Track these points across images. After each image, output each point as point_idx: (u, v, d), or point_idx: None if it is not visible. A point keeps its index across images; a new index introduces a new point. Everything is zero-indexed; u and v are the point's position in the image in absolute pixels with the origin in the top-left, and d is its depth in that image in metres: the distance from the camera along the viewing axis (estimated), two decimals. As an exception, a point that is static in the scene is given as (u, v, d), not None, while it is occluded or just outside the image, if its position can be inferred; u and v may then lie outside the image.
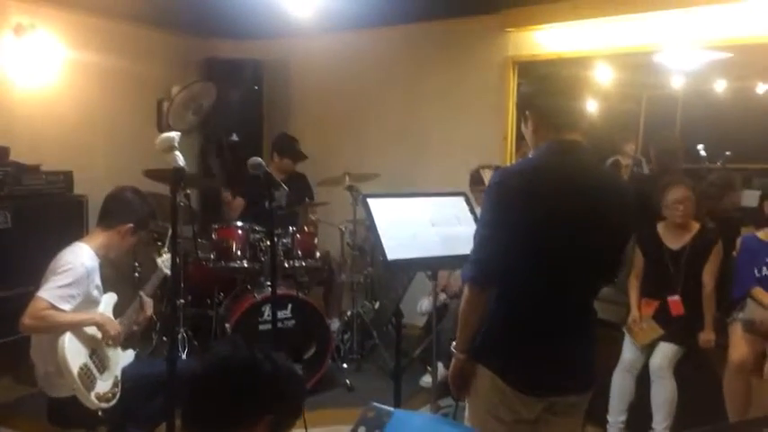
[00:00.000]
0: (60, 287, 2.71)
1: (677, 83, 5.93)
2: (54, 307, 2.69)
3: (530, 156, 2.11)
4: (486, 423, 1.97)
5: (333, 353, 4.33)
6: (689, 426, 3.42)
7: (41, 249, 2.98)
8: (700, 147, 5.96)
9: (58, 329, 2.70)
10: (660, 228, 3.69)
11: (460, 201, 2.98)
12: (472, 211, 2.94)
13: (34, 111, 4.31)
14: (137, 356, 3.11)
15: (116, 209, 3.00)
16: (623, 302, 3.80)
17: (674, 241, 3.65)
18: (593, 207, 1.92)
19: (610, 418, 3.60)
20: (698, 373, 3.56)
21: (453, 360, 2.07)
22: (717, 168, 5.51)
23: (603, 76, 5.33)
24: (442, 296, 4.18)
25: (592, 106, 5.45)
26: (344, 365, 4.49)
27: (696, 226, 3.64)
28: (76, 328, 2.76)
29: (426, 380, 4.26)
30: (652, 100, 6.59)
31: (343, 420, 3.50)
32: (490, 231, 1.93)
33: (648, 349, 3.56)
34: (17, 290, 3.37)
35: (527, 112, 2.03)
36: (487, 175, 3.81)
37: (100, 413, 2.77)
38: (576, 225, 1.90)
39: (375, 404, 1.65)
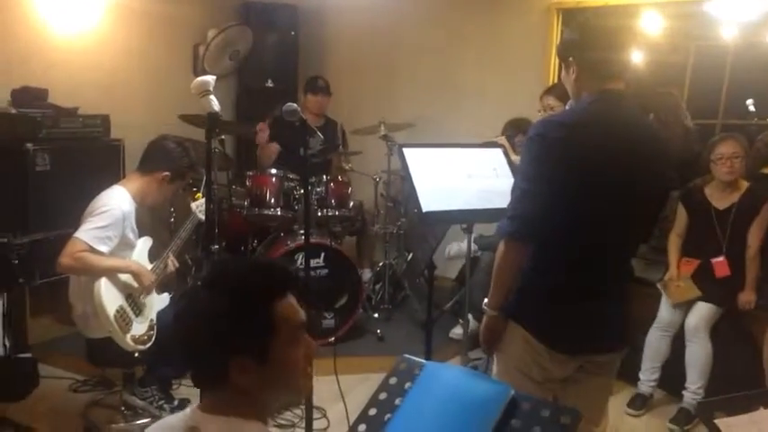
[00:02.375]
0: (97, 228, 2.75)
1: (728, 34, 5.66)
2: (92, 249, 2.72)
3: (567, 107, 2.04)
4: (515, 380, 1.93)
5: (364, 302, 4.36)
6: (726, 390, 3.37)
7: (79, 192, 3.00)
8: (749, 102, 5.73)
9: (93, 272, 2.75)
10: (708, 187, 3.58)
11: (498, 153, 2.92)
12: (509, 163, 2.87)
13: (72, 53, 4.30)
14: (172, 300, 3.15)
15: (155, 156, 3.00)
16: (662, 261, 3.73)
17: (720, 201, 3.53)
18: (636, 161, 1.85)
19: (642, 376, 3.58)
20: (737, 337, 3.49)
21: (485, 317, 2.04)
22: (767, 125, 5.29)
23: (650, 26, 5.12)
24: (474, 247, 4.15)
25: (637, 57, 5.26)
26: (375, 315, 4.52)
27: (744, 185, 3.50)
28: (112, 273, 2.81)
29: (456, 332, 4.27)
30: (700, 51, 6.33)
31: (372, 368, 3.54)
32: (530, 185, 1.85)
33: (685, 309, 3.50)
34: (56, 232, 3.42)
35: (570, 59, 1.94)
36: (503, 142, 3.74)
37: (136, 354, 2.83)
38: (619, 179, 1.84)
39: (407, 356, 1.64)
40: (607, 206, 1.85)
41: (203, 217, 3.16)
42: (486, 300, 2.02)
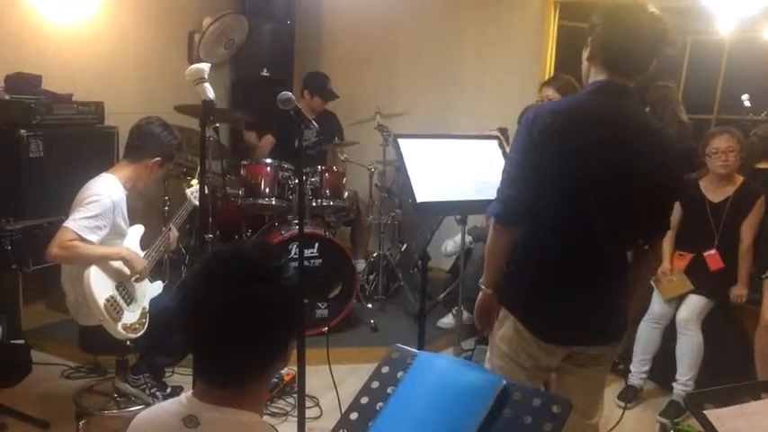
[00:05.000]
0: (87, 218, 2.73)
1: (724, 29, 5.67)
2: (81, 238, 2.71)
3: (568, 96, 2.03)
4: (505, 367, 1.97)
5: (358, 293, 4.36)
6: (715, 382, 3.39)
7: (73, 179, 2.99)
8: (744, 97, 5.74)
9: (84, 260, 2.74)
10: (703, 180, 3.59)
11: (493, 144, 2.92)
12: (505, 155, 2.88)
13: (66, 39, 4.27)
14: (165, 288, 3.15)
15: (143, 142, 2.98)
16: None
17: (715, 194, 3.54)
18: (631, 155, 1.83)
19: (632, 367, 3.60)
20: (728, 330, 3.52)
21: (480, 295, 2.07)
22: (761, 120, 5.31)
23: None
24: (468, 239, 4.15)
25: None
26: (369, 305, 4.52)
27: (740, 179, 3.52)
28: (103, 261, 2.80)
29: (445, 321, 4.29)
30: (696, 46, 6.34)
31: (366, 359, 3.55)
32: (517, 170, 1.87)
33: (677, 302, 3.51)
34: (49, 218, 3.40)
35: (589, 39, 1.92)
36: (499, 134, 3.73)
37: (128, 342, 2.83)
38: (610, 172, 1.82)
39: (399, 345, 1.64)
40: (595, 196, 1.84)
41: (197, 202, 3.16)
42: (481, 279, 2.05)
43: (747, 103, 5.74)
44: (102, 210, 2.77)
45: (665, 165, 1.91)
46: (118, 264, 2.86)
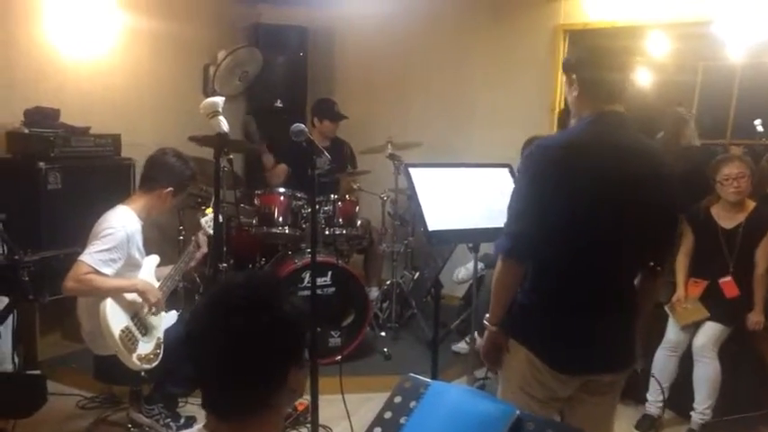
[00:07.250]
0: (102, 251, 2.77)
1: (736, 54, 5.68)
2: (96, 271, 2.74)
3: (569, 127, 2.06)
4: (518, 399, 1.95)
5: (371, 321, 4.36)
6: (735, 410, 3.35)
7: (90, 211, 3.04)
8: (757, 122, 5.73)
9: (99, 293, 2.77)
10: (714, 207, 3.57)
11: (504, 172, 2.93)
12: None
13: (84, 74, 4.36)
14: (180, 317, 3.17)
15: (157, 173, 3.03)
16: (670, 281, 3.71)
17: (727, 220, 3.52)
18: (634, 183, 1.86)
19: (649, 396, 3.55)
20: (745, 357, 3.47)
21: (486, 333, 2.05)
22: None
23: (658, 46, 5.15)
24: (480, 266, 4.15)
25: (645, 77, 5.28)
26: (382, 334, 4.51)
27: (751, 204, 3.50)
28: (118, 294, 2.82)
29: (460, 345, 4.27)
30: (708, 71, 6.34)
31: (379, 388, 3.50)
32: (525, 205, 1.89)
33: (693, 330, 3.48)
34: (66, 250, 3.44)
35: (573, 76, 1.97)
36: None
37: (143, 373, 2.84)
38: (614, 202, 1.85)
39: (412, 375, 1.64)
40: (602, 227, 1.86)
41: (211, 231, 3.19)
42: (487, 315, 2.04)
43: (760, 128, 5.72)
44: (116, 242, 2.81)
45: (663, 185, 1.94)
46: (133, 295, 2.88)
